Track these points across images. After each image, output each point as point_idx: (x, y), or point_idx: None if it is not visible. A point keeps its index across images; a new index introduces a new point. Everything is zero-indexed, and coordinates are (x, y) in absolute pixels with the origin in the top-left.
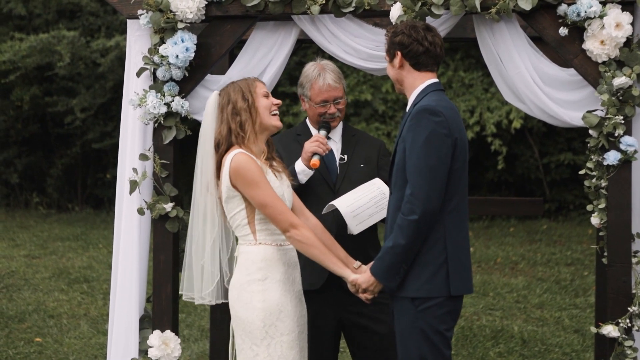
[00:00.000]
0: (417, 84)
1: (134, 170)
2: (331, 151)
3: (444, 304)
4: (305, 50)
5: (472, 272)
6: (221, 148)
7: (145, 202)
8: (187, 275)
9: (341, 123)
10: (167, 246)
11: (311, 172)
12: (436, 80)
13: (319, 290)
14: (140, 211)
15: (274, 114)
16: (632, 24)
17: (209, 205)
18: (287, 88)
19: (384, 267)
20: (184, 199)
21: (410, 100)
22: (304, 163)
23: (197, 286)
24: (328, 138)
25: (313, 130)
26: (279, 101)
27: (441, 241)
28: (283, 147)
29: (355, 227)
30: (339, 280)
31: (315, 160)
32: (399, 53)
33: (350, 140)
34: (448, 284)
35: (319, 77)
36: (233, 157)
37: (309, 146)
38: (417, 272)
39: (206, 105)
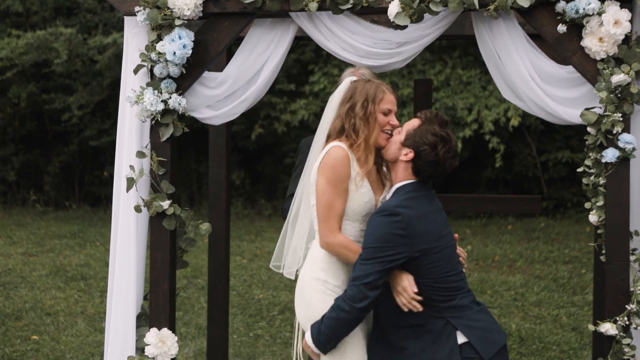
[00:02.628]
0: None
1: (131, 167)
2: None
3: None
4: (303, 47)
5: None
6: (330, 140)
7: (142, 199)
8: (278, 249)
9: None
10: (164, 244)
11: None
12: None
13: None
14: (137, 209)
15: (385, 132)
16: (631, 21)
17: (312, 192)
18: (284, 85)
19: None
20: (181, 197)
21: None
22: None
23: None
24: None
25: None
26: (396, 122)
27: (449, 329)
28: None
29: None
30: None
31: None
32: (411, 154)
33: None
34: (478, 354)
35: None
36: (331, 147)
37: None
38: None
39: (338, 87)
